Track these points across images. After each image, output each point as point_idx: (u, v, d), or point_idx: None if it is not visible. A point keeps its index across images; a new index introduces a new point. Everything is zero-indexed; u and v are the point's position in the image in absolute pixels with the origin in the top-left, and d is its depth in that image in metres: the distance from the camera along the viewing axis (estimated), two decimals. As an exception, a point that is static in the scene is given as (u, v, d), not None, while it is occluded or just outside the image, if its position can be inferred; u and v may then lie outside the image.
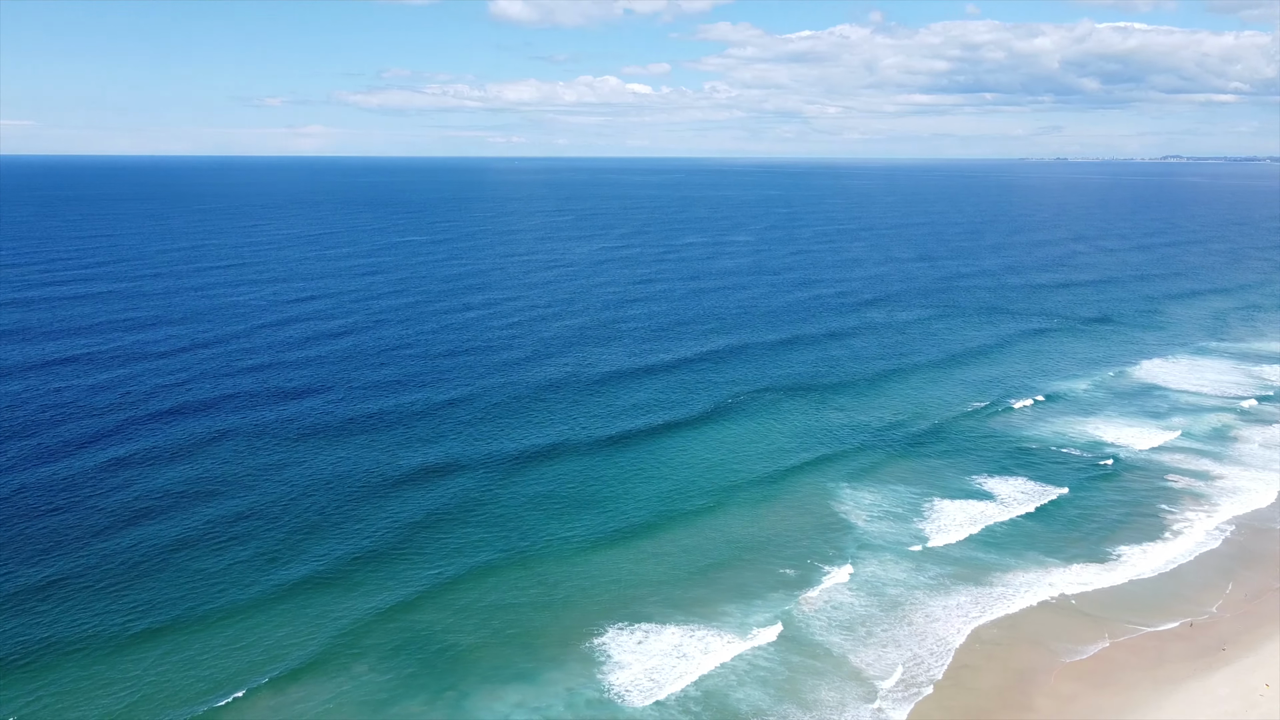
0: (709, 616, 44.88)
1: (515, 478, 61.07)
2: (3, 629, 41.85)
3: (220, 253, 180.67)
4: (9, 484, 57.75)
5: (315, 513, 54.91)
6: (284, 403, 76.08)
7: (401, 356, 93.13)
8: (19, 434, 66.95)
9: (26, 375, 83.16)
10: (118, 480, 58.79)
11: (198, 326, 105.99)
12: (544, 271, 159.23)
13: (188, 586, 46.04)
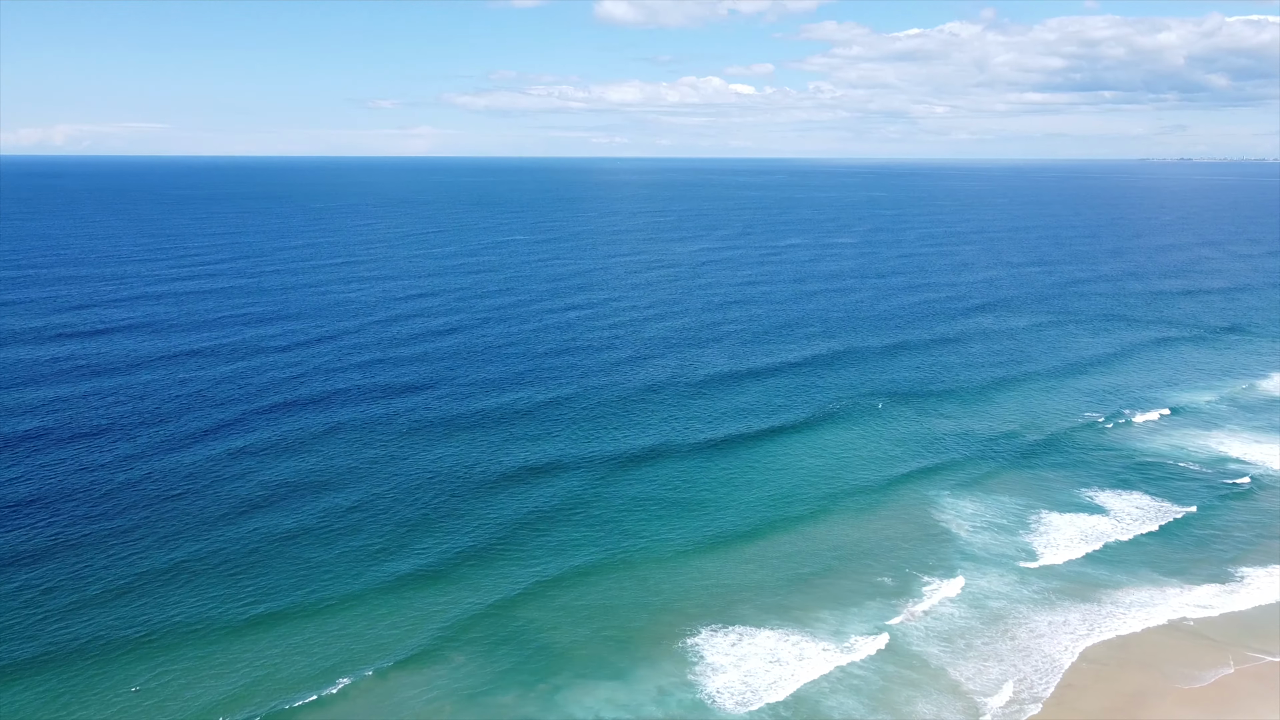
0: (804, 622, 44.48)
1: (616, 479, 61.45)
2: (131, 608, 44.20)
3: (334, 250, 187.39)
4: (139, 469, 61.06)
5: (421, 507, 56.35)
6: (392, 398, 78.37)
7: (506, 355, 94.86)
8: (149, 422, 70.74)
9: (156, 366, 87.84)
10: (237, 469, 61.53)
11: (312, 322, 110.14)
12: (647, 272, 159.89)
13: (300, 575, 47.82)
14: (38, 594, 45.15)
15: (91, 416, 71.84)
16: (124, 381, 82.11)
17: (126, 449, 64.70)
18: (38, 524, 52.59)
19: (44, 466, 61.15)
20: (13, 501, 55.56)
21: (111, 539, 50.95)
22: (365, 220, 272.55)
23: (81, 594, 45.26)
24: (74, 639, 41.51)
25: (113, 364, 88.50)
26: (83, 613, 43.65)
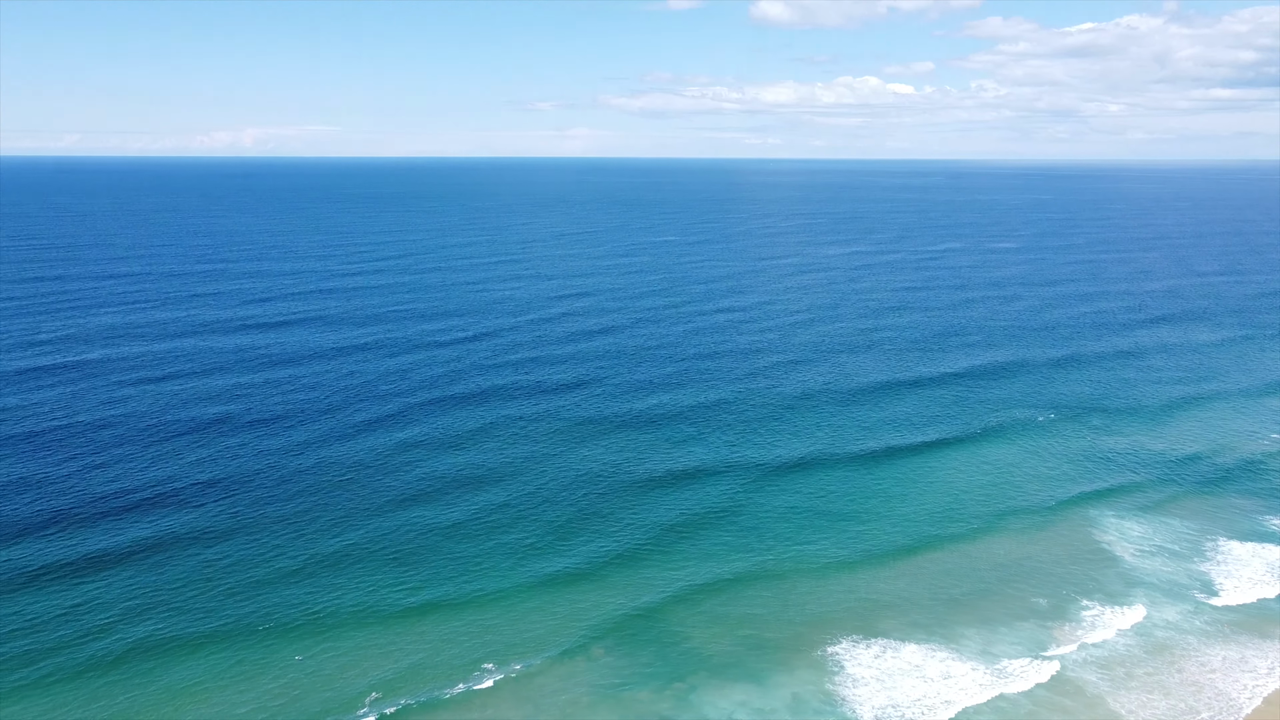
0: (952, 639, 42.87)
1: (765, 486, 60.25)
2: (299, 590, 46.24)
3: (492, 248, 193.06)
4: (310, 456, 64.12)
5: (572, 507, 56.78)
6: (546, 396, 79.59)
7: (658, 356, 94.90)
8: (319, 411, 74.33)
9: (326, 358, 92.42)
10: (398, 461, 63.72)
11: (470, 319, 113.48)
12: (800, 276, 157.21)
13: (456, 567, 48.92)
14: (217, 571, 47.88)
15: (269, 404, 76.13)
16: (297, 372, 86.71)
17: (299, 436, 68.12)
18: (222, 503, 55.93)
19: (229, 449, 65.09)
20: (202, 481, 59.32)
21: (284, 522, 53.59)
22: (522, 219, 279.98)
23: (256, 573, 47.71)
24: (247, 615, 43.71)
25: (288, 355, 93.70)
26: (256, 591, 45.97)
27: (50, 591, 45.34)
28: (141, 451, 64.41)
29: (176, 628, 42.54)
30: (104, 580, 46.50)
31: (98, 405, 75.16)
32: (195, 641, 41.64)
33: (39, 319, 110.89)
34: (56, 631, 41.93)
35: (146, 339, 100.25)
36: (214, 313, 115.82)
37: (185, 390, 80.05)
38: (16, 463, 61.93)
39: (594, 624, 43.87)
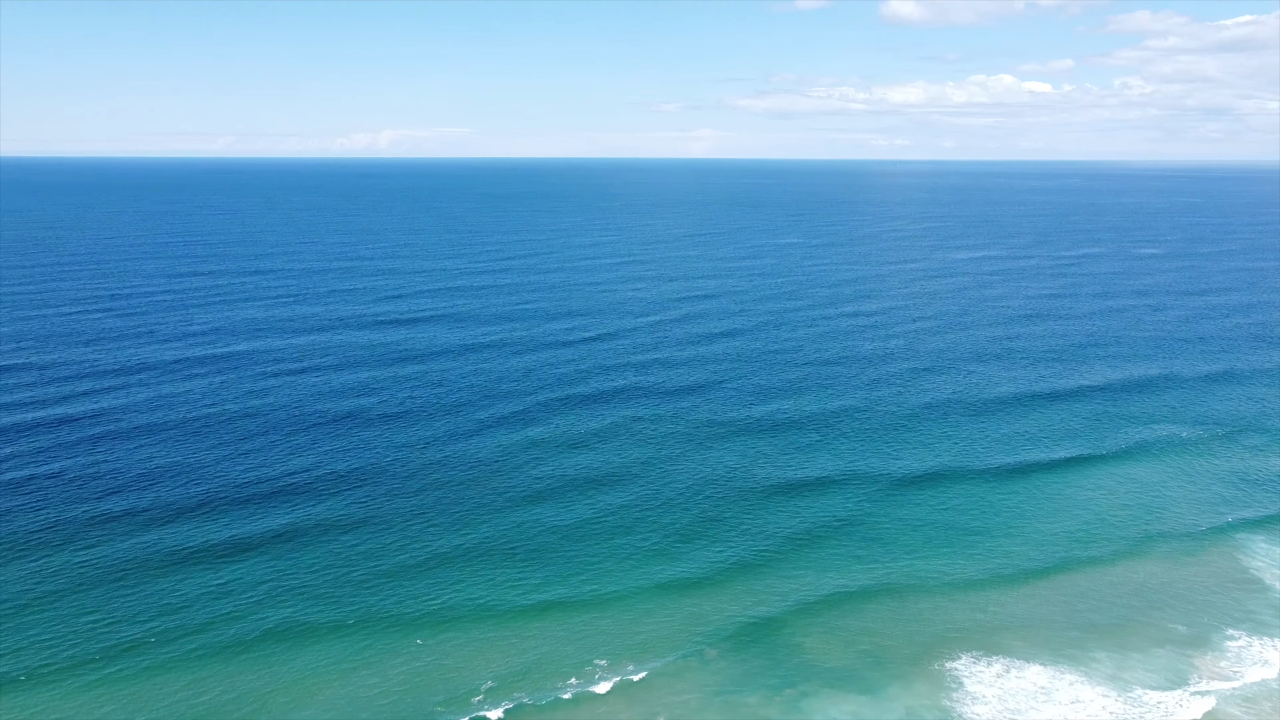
0: (1082, 662, 40.96)
1: (891, 499, 58.46)
2: (424, 582, 47.33)
3: (615, 249, 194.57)
4: (436, 452, 65.74)
5: (692, 511, 56.38)
6: (668, 399, 79.44)
7: (783, 362, 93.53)
8: (445, 408, 76.19)
9: (452, 355, 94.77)
10: (521, 459, 64.64)
11: (593, 319, 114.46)
12: (928, 281, 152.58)
13: (576, 567, 49.18)
14: (348, 560, 49.50)
15: (399, 399, 78.53)
16: (426, 368, 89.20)
17: (426, 431, 69.97)
18: (353, 494, 57.90)
19: (361, 442, 67.39)
20: (336, 472, 61.56)
21: (412, 515, 55.04)
22: (645, 220, 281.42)
23: (383, 563, 49.12)
24: (375, 604, 44.99)
25: (417, 351, 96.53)
26: (383, 581, 47.30)
27: (200, 571, 47.77)
28: (282, 441, 67.36)
29: (309, 613, 44.15)
30: (246, 564, 48.71)
31: (242, 395, 79.07)
32: (326, 627, 43.11)
33: (193, 311, 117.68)
34: (204, 610, 44.11)
35: (286, 333, 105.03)
36: (348, 308, 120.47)
37: (321, 383, 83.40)
38: (172, 448, 65.66)
39: (709, 630, 43.49)
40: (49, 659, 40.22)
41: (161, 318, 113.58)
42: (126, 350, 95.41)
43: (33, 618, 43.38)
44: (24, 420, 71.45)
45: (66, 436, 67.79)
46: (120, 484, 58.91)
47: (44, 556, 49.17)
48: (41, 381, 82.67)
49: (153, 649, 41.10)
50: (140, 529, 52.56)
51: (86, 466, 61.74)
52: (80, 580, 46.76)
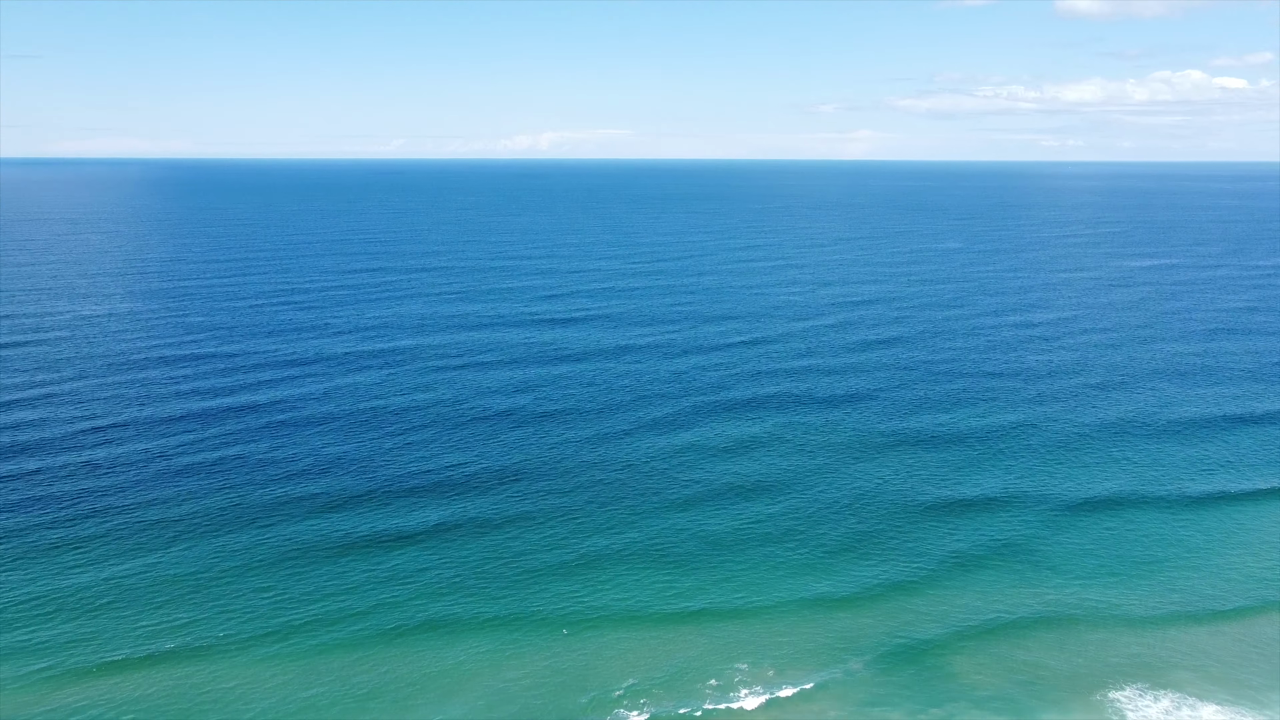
0: (1265, 705, 37.70)
1: (1059, 524, 55.13)
2: (573, 582, 47.88)
3: (770, 252, 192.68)
4: (588, 453, 66.60)
5: (843, 526, 54.89)
6: (822, 408, 77.80)
7: (943, 372, 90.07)
8: (597, 409, 77.11)
9: (605, 357, 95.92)
10: (671, 463, 64.63)
11: (748, 324, 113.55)
12: (1105, 291, 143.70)
13: (721, 576, 48.65)
14: (501, 556, 50.68)
15: (554, 398, 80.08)
16: (580, 368, 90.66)
17: (579, 432, 71.02)
18: (509, 491, 59.37)
19: (517, 440, 69.09)
20: (493, 468, 63.33)
21: (563, 515, 55.91)
22: (801, 223, 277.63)
23: (535, 561, 50.02)
24: (524, 601, 45.87)
25: (572, 351, 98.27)
26: (534, 579, 48.16)
27: (364, 559, 50.00)
28: (442, 435, 69.86)
29: (462, 606, 45.42)
30: (406, 553, 50.65)
31: (407, 389, 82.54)
32: (477, 620, 44.19)
33: (363, 306, 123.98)
34: (367, 596, 46.11)
35: (448, 329, 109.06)
36: (507, 307, 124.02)
37: (480, 380, 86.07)
38: (342, 438, 69.19)
39: (859, 649, 42.16)
40: (233, 630, 42.94)
41: (335, 312, 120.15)
42: (304, 342, 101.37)
43: (216, 590, 46.48)
44: (215, 406, 76.89)
45: (252, 421, 72.52)
46: (295, 470, 62.47)
47: (229, 534, 52.65)
48: (230, 370, 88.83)
49: (320, 629, 43.24)
50: (312, 514, 55.56)
51: (266, 452, 65.81)
52: (259, 559, 49.77)
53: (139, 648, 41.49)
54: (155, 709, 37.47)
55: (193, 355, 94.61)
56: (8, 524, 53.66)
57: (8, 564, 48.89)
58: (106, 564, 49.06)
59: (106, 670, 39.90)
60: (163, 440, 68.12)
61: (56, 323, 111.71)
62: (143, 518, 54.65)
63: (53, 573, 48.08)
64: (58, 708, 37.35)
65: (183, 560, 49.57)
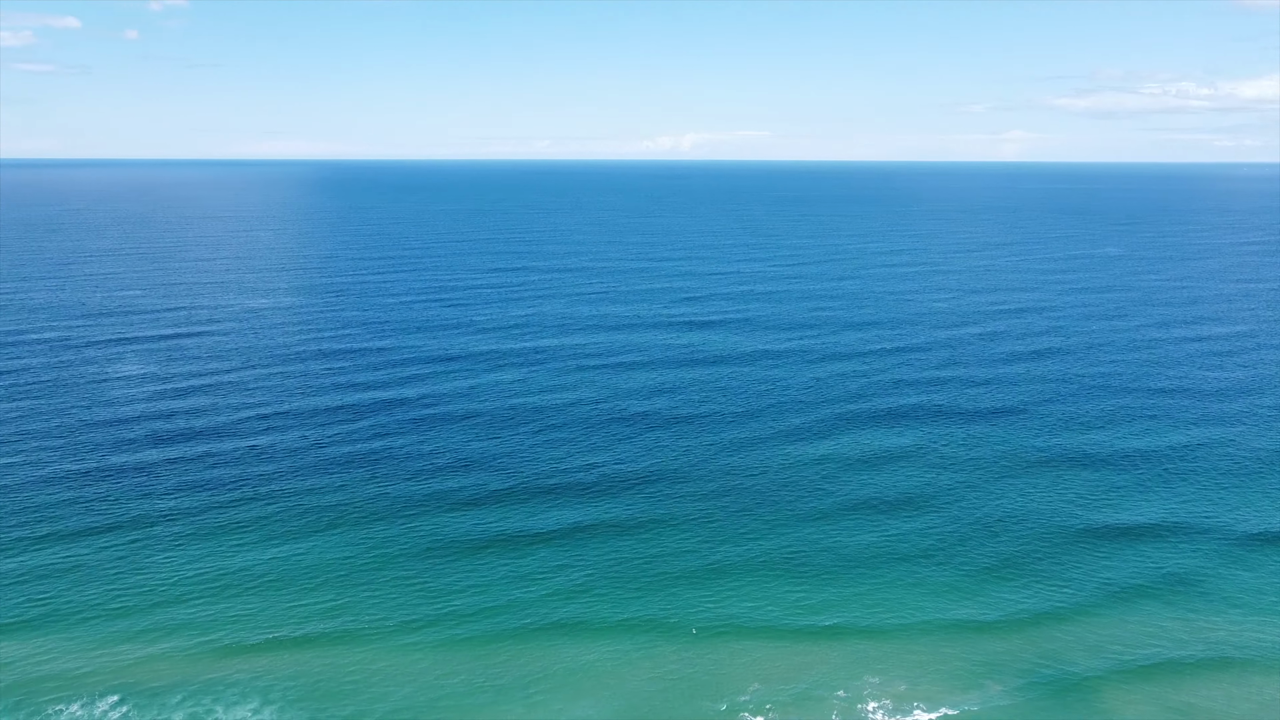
0: None
1: (1236, 557, 51.08)
2: (702, 591, 47.57)
3: (914, 256, 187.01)
4: (724, 461, 66.14)
5: (988, 547, 52.55)
6: (968, 422, 74.82)
7: (1101, 388, 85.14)
8: (736, 416, 76.51)
9: (745, 362, 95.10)
10: (808, 474, 63.42)
11: (891, 331, 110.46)
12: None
13: (856, 592, 47.34)
14: (632, 560, 50.88)
15: (690, 402, 79.97)
16: (717, 373, 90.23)
17: (715, 438, 70.63)
18: (641, 495, 59.60)
19: (652, 443, 69.32)
20: (626, 472, 63.74)
21: (697, 522, 55.68)
22: (948, 227, 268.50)
23: (665, 566, 49.96)
24: (653, 606, 45.86)
25: (709, 355, 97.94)
26: (663, 584, 48.07)
27: (499, 556, 51.14)
28: (579, 436, 70.82)
29: (593, 608, 45.78)
30: (541, 553, 51.51)
31: (546, 389, 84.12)
32: (606, 624, 44.43)
33: (507, 305, 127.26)
34: (500, 593, 47.13)
35: (588, 330, 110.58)
36: (646, 308, 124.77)
37: (617, 381, 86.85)
38: (483, 434, 71.12)
39: (1002, 678, 40.22)
40: (377, 617, 44.68)
41: (480, 309, 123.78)
42: (449, 338, 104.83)
43: (363, 577, 48.49)
44: (366, 399, 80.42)
45: (400, 415, 75.46)
46: (439, 465, 64.57)
47: (376, 524, 54.89)
48: (381, 364, 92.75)
49: (457, 622, 44.44)
50: (453, 508, 57.28)
51: (412, 445, 68.32)
52: (402, 550, 51.65)
53: (294, 629, 43.70)
54: (307, 686, 39.37)
55: (347, 349, 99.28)
56: (182, 504, 57.58)
57: (182, 542, 52.43)
58: (268, 546, 51.95)
59: (265, 647, 42.19)
60: (319, 430, 71.70)
61: (227, 314, 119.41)
62: (299, 504, 57.63)
63: (221, 552, 51.26)
64: (219, 679, 39.73)
65: (334, 546, 51.98)
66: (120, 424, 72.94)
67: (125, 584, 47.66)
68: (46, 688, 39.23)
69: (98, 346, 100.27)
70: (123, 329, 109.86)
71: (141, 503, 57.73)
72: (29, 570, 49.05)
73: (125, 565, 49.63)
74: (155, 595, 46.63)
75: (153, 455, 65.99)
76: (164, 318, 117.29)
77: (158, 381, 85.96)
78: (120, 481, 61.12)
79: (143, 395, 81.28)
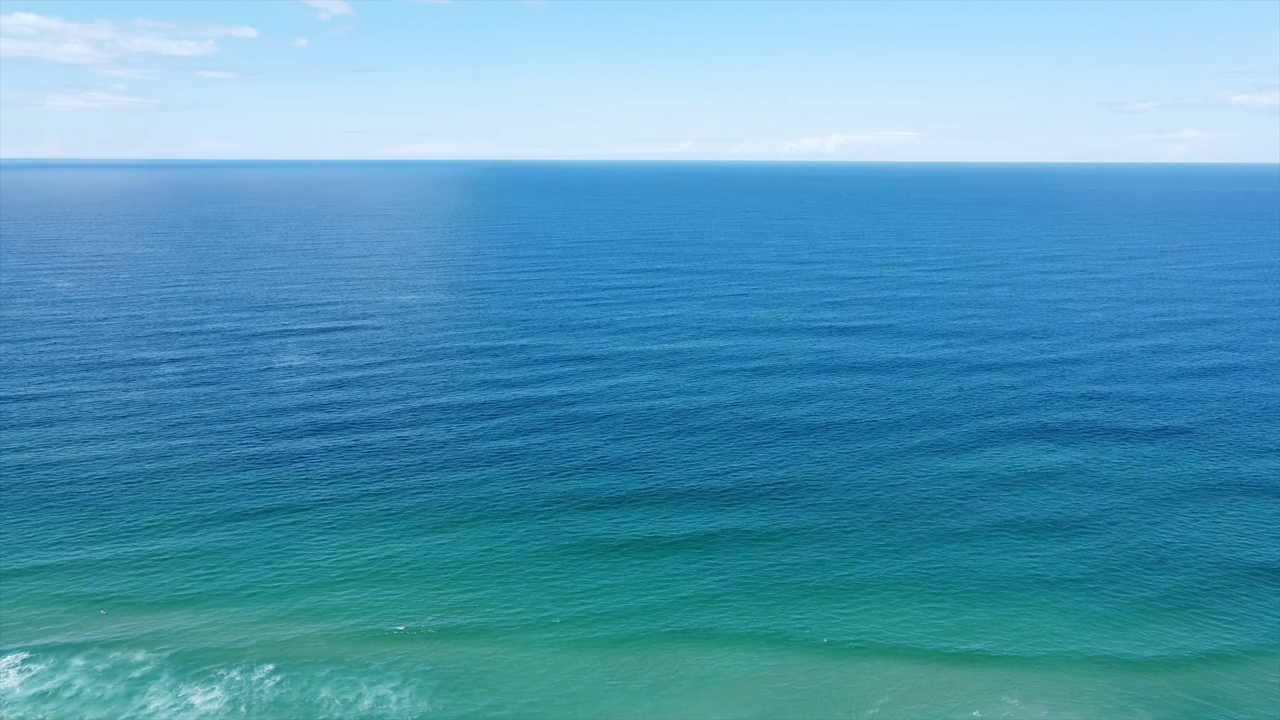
0: None
1: None
2: (833, 608, 46.50)
3: (1072, 263, 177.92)
4: (862, 474, 64.55)
5: (1152, 580, 49.32)
6: (1130, 442, 70.50)
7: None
8: (876, 426, 74.56)
9: (887, 370, 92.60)
10: (951, 490, 61.13)
11: (1044, 342, 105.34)
12: None
13: (999, 619, 45.28)
14: (762, 571, 50.24)
15: (828, 410, 78.42)
16: (857, 381, 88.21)
17: (852, 448, 69.04)
18: (777, 505, 58.81)
19: (788, 451, 68.36)
20: (764, 480, 63.06)
21: (833, 535, 54.50)
22: (1110, 231, 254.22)
23: (797, 579, 49.11)
24: (786, 618, 45.13)
25: (849, 362, 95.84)
26: (796, 597, 47.25)
27: (629, 561, 51.40)
28: (715, 441, 70.54)
29: (723, 618, 45.39)
30: (673, 559, 51.49)
31: (683, 392, 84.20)
32: (736, 634, 43.98)
33: (645, 306, 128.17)
34: (628, 598, 47.35)
35: (726, 333, 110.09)
36: (785, 312, 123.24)
37: (754, 387, 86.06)
38: (619, 437, 71.77)
39: (1155, 716, 37.72)
40: (511, 613, 45.71)
41: (620, 310, 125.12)
42: (589, 338, 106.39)
43: (500, 573, 49.68)
44: (508, 397, 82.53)
45: (540, 413, 77.09)
46: (576, 465, 65.56)
47: (514, 521, 56.18)
48: (522, 363, 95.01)
49: (588, 623, 44.92)
50: (588, 509, 58.01)
51: (551, 444, 69.62)
52: (537, 548, 52.64)
53: (435, 620, 45.18)
54: (445, 674, 40.65)
55: (491, 346, 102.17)
56: (335, 492, 60.52)
57: (335, 530, 55.10)
58: (413, 537, 53.97)
59: (406, 635, 43.82)
60: (463, 425, 74.03)
61: (379, 309, 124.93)
62: (443, 497, 59.62)
63: (369, 540, 53.58)
64: (363, 660, 41.51)
65: (475, 540, 53.50)
66: (281, 412, 77.32)
67: (282, 566, 50.43)
68: (210, 655, 41.99)
69: (262, 338, 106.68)
70: (285, 321, 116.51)
71: (299, 488, 61.00)
72: (198, 547, 52.56)
73: (283, 548, 52.53)
74: (308, 577, 49.14)
75: (310, 443, 69.63)
76: (322, 311, 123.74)
77: (315, 372, 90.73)
78: (280, 467, 64.76)
79: (301, 385, 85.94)
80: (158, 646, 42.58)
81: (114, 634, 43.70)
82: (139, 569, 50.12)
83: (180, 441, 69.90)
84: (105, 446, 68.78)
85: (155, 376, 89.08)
